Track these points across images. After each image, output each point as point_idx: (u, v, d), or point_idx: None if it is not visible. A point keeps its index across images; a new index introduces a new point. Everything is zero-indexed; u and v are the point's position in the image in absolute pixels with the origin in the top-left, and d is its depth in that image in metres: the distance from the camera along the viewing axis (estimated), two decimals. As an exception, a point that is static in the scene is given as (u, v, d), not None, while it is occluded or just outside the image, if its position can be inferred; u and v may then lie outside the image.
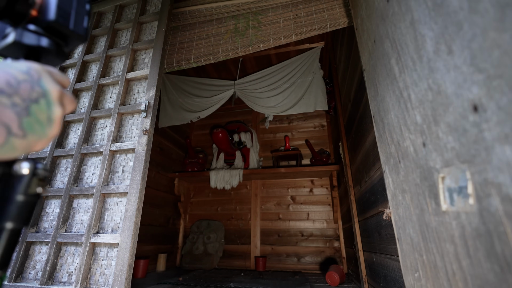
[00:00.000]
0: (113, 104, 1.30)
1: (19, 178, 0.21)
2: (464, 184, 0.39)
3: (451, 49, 0.40)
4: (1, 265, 0.19)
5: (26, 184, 0.21)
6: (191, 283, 1.67)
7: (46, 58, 0.25)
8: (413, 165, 0.57)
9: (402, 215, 0.67)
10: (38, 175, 0.22)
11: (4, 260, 0.19)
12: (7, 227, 0.20)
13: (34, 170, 0.21)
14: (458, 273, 0.42)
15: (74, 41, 0.27)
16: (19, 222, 0.20)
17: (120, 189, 1.07)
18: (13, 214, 0.20)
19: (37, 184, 0.22)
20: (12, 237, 0.20)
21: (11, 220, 0.20)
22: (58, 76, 0.24)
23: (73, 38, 0.26)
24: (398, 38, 0.59)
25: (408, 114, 0.57)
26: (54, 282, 1.00)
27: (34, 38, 0.24)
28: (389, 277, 1.04)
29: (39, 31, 0.24)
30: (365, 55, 0.91)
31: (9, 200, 0.20)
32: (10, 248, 0.20)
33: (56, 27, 0.25)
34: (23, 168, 0.21)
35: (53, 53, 0.25)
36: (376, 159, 1.11)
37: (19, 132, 0.19)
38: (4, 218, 0.20)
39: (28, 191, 0.21)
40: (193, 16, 1.50)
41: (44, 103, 0.21)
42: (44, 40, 0.24)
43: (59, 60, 0.26)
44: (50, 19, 0.24)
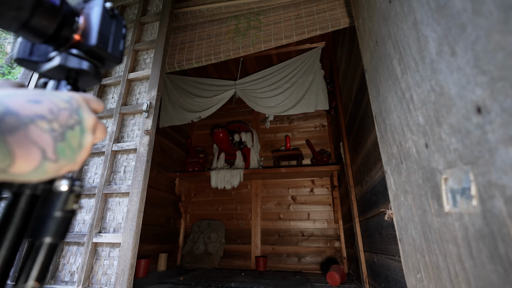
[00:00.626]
0: (114, 104, 1.31)
1: (57, 194, 0.22)
2: (467, 185, 0.39)
3: (454, 51, 0.40)
4: (40, 278, 0.20)
5: (64, 201, 0.22)
6: (192, 283, 1.68)
7: (85, 78, 0.27)
8: (416, 166, 0.57)
9: (404, 216, 0.67)
10: (75, 192, 0.23)
11: (43, 274, 0.20)
12: (46, 242, 0.21)
13: (72, 187, 0.22)
14: (461, 274, 0.42)
15: (110, 63, 0.29)
16: (57, 237, 0.21)
17: (122, 189, 1.07)
18: (52, 230, 0.21)
19: (74, 201, 0.23)
20: (50, 252, 0.21)
21: (50, 235, 0.21)
22: (94, 104, 0.26)
23: (110, 60, 0.28)
24: (401, 39, 0.59)
25: (411, 115, 0.57)
26: (57, 281, 1.00)
27: (77, 62, 0.26)
28: (390, 277, 1.04)
29: (81, 55, 0.26)
30: (366, 56, 0.91)
31: (48, 216, 0.21)
32: (48, 262, 0.21)
33: (96, 51, 0.27)
34: (62, 185, 0.22)
35: (92, 74, 0.27)
36: (377, 159, 1.11)
37: (52, 157, 0.20)
38: (43, 234, 0.21)
39: (65, 208, 0.22)
40: (194, 17, 1.50)
41: (79, 129, 0.22)
42: (85, 63, 0.26)
43: (96, 80, 0.28)
44: (92, 44, 0.26)
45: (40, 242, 0.21)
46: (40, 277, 0.20)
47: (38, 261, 0.20)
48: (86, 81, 0.27)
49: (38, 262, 0.20)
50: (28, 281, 0.19)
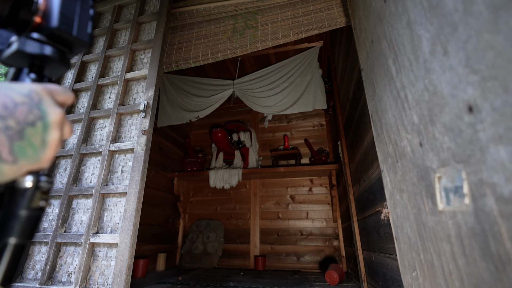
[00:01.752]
0: (112, 104, 1.30)
1: (22, 191, 0.20)
2: (460, 184, 0.39)
3: (446, 50, 0.40)
4: (4, 281, 0.19)
5: (29, 198, 0.20)
6: (190, 283, 1.68)
7: (50, 66, 0.25)
8: (410, 165, 0.58)
9: (400, 215, 0.67)
10: (41, 188, 0.21)
11: (8, 276, 0.19)
12: (11, 243, 0.19)
13: (37, 183, 0.21)
14: (455, 272, 0.43)
15: (78, 48, 0.26)
16: (23, 237, 0.20)
17: (119, 189, 1.07)
18: (17, 230, 0.20)
19: (40, 197, 0.21)
20: (16, 253, 0.19)
21: (15, 235, 0.19)
22: (61, 96, 0.23)
23: (77, 44, 0.26)
24: (395, 38, 0.60)
25: (405, 114, 0.58)
26: (54, 282, 1.00)
27: (37, 47, 0.23)
28: (388, 276, 1.05)
29: (42, 39, 0.24)
30: (363, 55, 0.91)
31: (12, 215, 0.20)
32: (14, 264, 0.19)
33: (59, 34, 0.24)
34: (27, 181, 0.20)
35: (57, 61, 0.24)
36: (374, 158, 1.12)
37: (9, 158, 0.18)
38: (7, 234, 0.19)
39: (31, 205, 0.20)
40: (192, 16, 1.50)
41: (41, 125, 0.20)
42: (47, 48, 0.24)
43: (63, 67, 0.26)
44: (53, 26, 0.24)
45: (3, 243, 0.19)
46: (4, 281, 0.18)
47: (2, 263, 0.19)
48: (52, 69, 0.25)
49: (2, 264, 0.19)
50: None
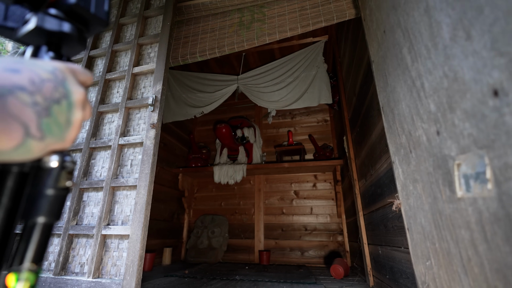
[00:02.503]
0: (120, 98, 1.31)
1: (48, 171, 0.20)
2: (482, 169, 0.39)
3: (469, 35, 0.40)
4: (36, 260, 0.19)
5: (56, 178, 0.20)
6: (197, 276, 1.70)
7: (68, 44, 0.24)
8: (426, 154, 0.58)
9: (412, 205, 0.67)
10: (67, 168, 0.21)
11: (39, 255, 0.19)
12: (39, 222, 0.19)
13: (63, 163, 0.21)
14: (474, 259, 0.43)
15: (95, 26, 0.26)
16: (51, 216, 0.20)
17: (129, 182, 1.08)
18: (44, 209, 0.20)
19: (66, 177, 0.21)
20: (45, 232, 0.20)
21: (43, 215, 0.20)
22: (82, 76, 0.23)
23: (94, 22, 0.25)
24: (411, 26, 0.59)
25: (421, 103, 0.57)
26: (67, 272, 1.02)
27: (56, 23, 0.23)
28: (395, 268, 1.05)
29: (60, 16, 0.23)
30: (373, 46, 0.90)
31: (39, 195, 0.20)
32: (44, 243, 0.20)
33: (77, 10, 0.24)
34: (52, 161, 0.20)
35: (75, 39, 0.24)
36: (382, 152, 1.12)
37: (37, 134, 0.18)
38: (35, 213, 0.20)
39: (57, 185, 0.20)
40: (198, 10, 1.49)
41: (66, 104, 0.20)
42: (66, 25, 0.23)
43: (81, 46, 0.25)
44: (71, 2, 0.23)
45: (33, 222, 0.19)
46: (36, 258, 0.19)
47: (32, 242, 0.19)
48: (70, 47, 0.24)
49: (32, 243, 0.19)
50: (23, 263, 0.18)
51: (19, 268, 0.18)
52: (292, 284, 1.48)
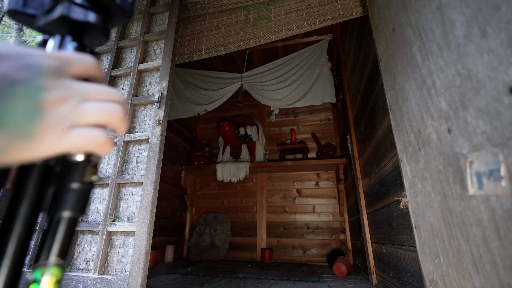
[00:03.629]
0: (125, 95, 1.31)
1: (74, 165, 0.20)
2: (496, 167, 0.39)
3: (485, 32, 0.40)
4: (62, 254, 0.19)
5: (81, 172, 0.20)
6: (200, 273, 1.70)
7: (91, 35, 0.23)
8: (436, 152, 0.58)
9: (421, 203, 0.67)
10: (92, 162, 0.21)
11: (64, 249, 0.19)
12: (65, 216, 0.19)
13: (88, 157, 0.20)
14: (486, 256, 0.43)
15: (119, 17, 0.25)
16: (77, 211, 0.20)
17: (135, 179, 1.08)
18: (70, 203, 0.20)
19: (92, 171, 0.21)
20: (70, 227, 0.20)
21: (69, 209, 0.19)
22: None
23: (119, 13, 0.25)
24: (422, 24, 0.59)
25: (432, 101, 0.57)
26: (72, 269, 1.02)
27: (82, 13, 0.22)
28: (400, 266, 1.05)
29: (85, 5, 0.22)
30: (381, 45, 0.90)
31: (65, 189, 0.20)
32: (68, 237, 0.19)
33: (103, 1, 0.23)
34: (78, 154, 0.20)
35: (100, 29, 0.23)
36: (388, 150, 1.12)
37: None
38: (61, 207, 0.19)
39: (83, 179, 0.20)
40: (204, 7, 1.49)
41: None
42: (91, 15, 0.22)
43: (104, 37, 0.24)
44: None
45: (59, 216, 0.19)
46: (62, 253, 0.19)
47: (58, 236, 0.19)
48: (93, 38, 0.23)
49: (58, 237, 0.19)
50: (50, 258, 0.18)
51: (46, 263, 0.18)
52: (296, 282, 1.48)
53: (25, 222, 0.18)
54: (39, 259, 0.18)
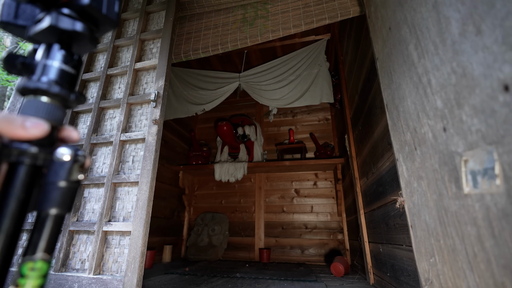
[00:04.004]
0: (121, 94, 1.30)
1: (61, 164, 0.21)
2: (490, 165, 0.39)
3: (480, 29, 0.39)
4: (49, 249, 0.20)
5: (68, 171, 0.21)
6: (197, 273, 1.70)
7: (79, 43, 0.25)
8: (431, 151, 0.57)
9: (417, 202, 0.67)
10: (79, 162, 0.22)
11: (51, 245, 0.20)
12: (51, 213, 0.20)
13: (75, 156, 0.21)
14: (480, 255, 0.43)
15: (106, 26, 0.26)
16: (63, 208, 0.21)
17: (131, 178, 1.07)
18: (56, 201, 0.20)
19: (78, 170, 0.22)
20: (57, 223, 0.20)
21: (55, 206, 0.20)
22: None
23: (105, 23, 0.26)
24: (418, 22, 0.59)
25: (428, 99, 0.57)
26: (68, 269, 1.02)
27: (69, 23, 0.23)
28: (396, 266, 1.05)
29: (73, 15, 0.24)
30: (378, 43, 0.90)
31: (52, 187, 0.20)
32: (55, 234, 0.20)
33: (90, 11, 0.24)
34: (65, 154, 0.21)
35: (87, 38, 0.24)
36: (385, 150, 1.11)
37: None
38: (48, 205, 0.20)
39: (70, 178, 0.21)
40: (201, 6, 1.48)
41: None
42: (79, 24, 0.24)
43: (92, 45, 0.25)
44: (84, 3, 0.24)
45: (45, 213, 0.20)
46: (48, 249, 0.20)
47: (45, 232, 0.20)
48: (81, 46, 0.25)
49: (45, 233, 0.20)
50: (36, 253, 0.19)
51: (33, 258, 0.19)
52: (293, 282, 1.48)
53: (13, 220, 0.19)
54: (26, 254, 0.19)
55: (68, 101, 0.23)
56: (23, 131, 0.20)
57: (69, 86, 0.24)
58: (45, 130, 0.21)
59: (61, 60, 0.24)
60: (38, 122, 0.21)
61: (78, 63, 0.25)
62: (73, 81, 0.25)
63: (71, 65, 0.24)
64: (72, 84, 0.24)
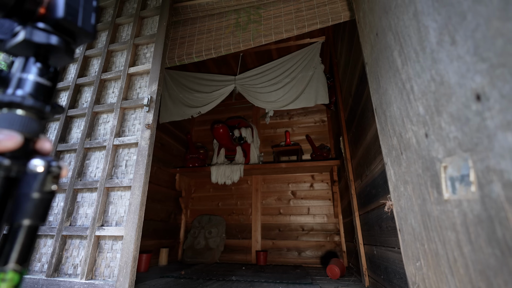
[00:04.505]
0: (115, 99, 1.31)
1: (34, 175, 0.21)
2: (466, 172, 0.40)
3: (454, 40, 0.40)
4: (21, 260, 0.20)
5: (41, 182, 0.21)
6: (193, 277, 1.70)
7: (55, 56, 0.25)
8: (415, 156, 0.58)
9: (404, 206, 0.68)
10: (52, 173, 0.22)
11: (24, 256, 0.20)
12: (25, 224, 0.20)
13: (49, 167, 0.22)
14: (460, 260, 0.43)
15: (82, 38, 0.27)
16: (36, 219, 0.21)
17: (124, 183, 1.08)
18: (30, 212, 0.20)
19: (52, 181, 0.22)
20: (30, 234, 0.20)
21: (28, 217, 0.20)
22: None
23: (81, 35, 0.26)
24: (401, 30, 0.60)
25: (411, 105, 0.58)
26: (60, 274, 1.02)
27: (44, 36, 0.24)
28: (389, 269, 1.06)
29: (48, 29, 0.24)
30: (367, 49, 0.91)
31: (25, 198, 0.21)
32: (29, 245, 0.20)
33: (65, 24, 0.25)
34: (38, 166, 0.21)
35: (62, 50, 0.25)
36: (377, 152, 1.12)
37: None
38: (21, 216, 0.20)
39: (43, 189, 0.21)
40: (194, 11, 1.49)
41: None
42: (53, 38, 0.24)
43: (68, 57, 0.26)
44: (59, 16, 0.24)
45: (18, 224, 0.20)
46: (21, 259, 0.19)
47: (17, 243, 0.19)
48: (57, 58, 0.25)
49: (17, 244, 0.19)
50: (8, 263, 0.19)
51: (3, 269, 0.19)
52: (288, 285, 1.48)
53: None
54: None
55: (44, 112, 0.24)
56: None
57: (45, 98, 0.24)
58: (18, 142, 0.21)
59: (36, 73, 0.24)
60: (11, 134, 0.21)
61: (54, 75, 0.26)
62: (49, 93, 0.25)
63: (46, 78, 0.25)
64: (47, 96, 0.25)
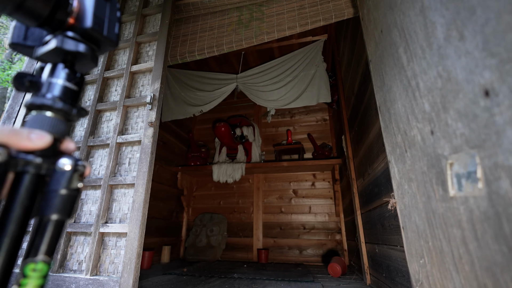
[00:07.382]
0: (118, 97, 1.31)
1: (62, 173, 0.23)
2: (473, 169, 0.40)
3: (462, 35, 0.40)
4: (49, 252, 0.21)
5: (68, 179, 0.23)
6: (195, 274, 1.70)
7: (81, 62, 0.27)
8: (420, 154, 0.58)
9: (407, 204, 0.68)
10: (78, 171, 0.24)
11: (51, 248, 0.22)
12: (53, 219, 0.22)
13: (75, 166, 0.23)
14: (465, 257, 0.43)
15: (106, 46, 0.29)
16: (63, 214, 0.22)
17: (127, 180, 1.08)
18: (58, 207, 0.22)
19: (78, 179, 0.24)
20: (57, 228, 0.22)
21: (56, 212, 0.22)
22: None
23: (106, 43, 0.28)
24: (407, 26, 0.59)
25: (416, 102, 0.58)
26: (65, 270, 1.02)
27: (73, 44, 0.26)
28: (391, 267, 1.06)
29: (76, 38, 0.26)
30: (371, 46, 0.90)
31: (53, 194, 0.22)
32: (55, 238, 0.22)
33: (92, 33, 0.27)
34: (66, 164, 0.23)
35: (88, 57, 0.27)
36: (380, 151, 1.12)
37: None
38: (50, 211, 0.22)
39: (70, 186, 0.23)
40: (197, 8, 1.49)
41: None
42: (82, 46, 0.26)
43: (93, 63, 0.28)
44: (87, 26, 0.26)
45: (47, 218, 0.22)
46: (49, 252, 0.21)
47: (46, 236, 0.21)
48: (83, 65, 0.27)
49: (46, 237, 0.21)
50: (38, 255, 0.20)
51: (35, 259, 0.20)
52: (290, 282, 1.49)
53: (18, 225, 0.20)
54: (28, 257, 0.20)
55: (71, 115, 0.25)
56: (29, 143, 0.22)
57: (72, 102, 0.26)
58: (48, 142, 0.23)
59: (64, 78, 0.26)
60: (42, 134, 0.23)
61: (81, 81, 0.28)
62: (75, 97, 0.27)
63: (73, 83, 0.27)
64: (74, 100, 0.27)
